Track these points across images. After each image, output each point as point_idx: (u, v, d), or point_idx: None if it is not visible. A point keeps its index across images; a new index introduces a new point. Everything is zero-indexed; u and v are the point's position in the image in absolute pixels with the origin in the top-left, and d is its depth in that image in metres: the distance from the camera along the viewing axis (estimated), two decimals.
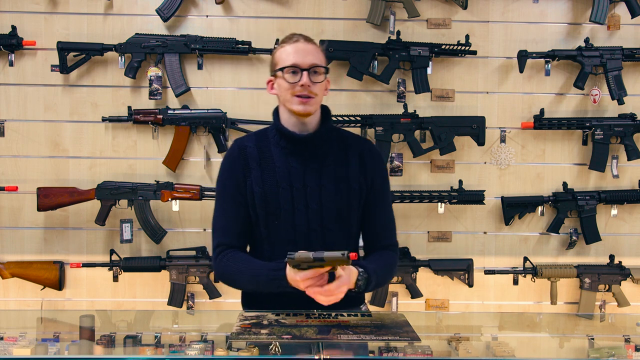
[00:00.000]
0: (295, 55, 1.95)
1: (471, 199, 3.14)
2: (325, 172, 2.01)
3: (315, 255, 1.80)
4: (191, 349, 1.79)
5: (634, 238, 3.27)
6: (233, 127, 3.11)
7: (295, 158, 2.01)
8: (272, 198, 1.99)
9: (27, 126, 3.16)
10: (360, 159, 2.05)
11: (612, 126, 3.15)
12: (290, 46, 1.97)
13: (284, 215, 2.00)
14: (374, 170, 2.07)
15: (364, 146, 2.09)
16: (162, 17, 3.08)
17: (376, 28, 3.18)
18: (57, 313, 2.94)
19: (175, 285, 3.10)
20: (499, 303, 3.27)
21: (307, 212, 2.00)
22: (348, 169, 2.04)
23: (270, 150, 2.03)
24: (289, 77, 1.95)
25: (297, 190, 2.00)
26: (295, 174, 2.00)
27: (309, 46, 1.97)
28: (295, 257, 1.82)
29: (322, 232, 2.02)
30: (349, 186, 2.03)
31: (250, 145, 2.04)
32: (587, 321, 2.62)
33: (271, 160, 2.01)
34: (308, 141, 2.00)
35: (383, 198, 2.10)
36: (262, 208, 2.00)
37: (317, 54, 1.98)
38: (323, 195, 2.00)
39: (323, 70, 1.97)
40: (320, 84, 1.97)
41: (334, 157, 2.04)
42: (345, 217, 2.04)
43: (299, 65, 1.94)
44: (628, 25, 3.21)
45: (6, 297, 3.19)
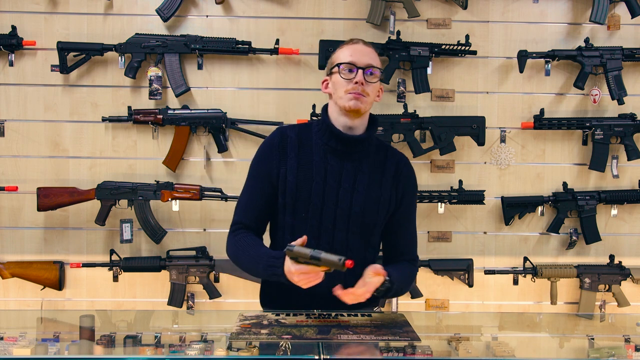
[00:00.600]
0: (353, 54, 2.01)
1: (471, 199, 3.14)
2: (360, 177, 2.05)
3: (312, 253, 1.81)
4: (191, 349, 1.79)
5: (634, 238, 3.26)
6: (233, 127, 3.11)
7: (334, 157, 2.05)
8: (304, 190, 2.03)
9: (27, 126, 3.16)
10: (396, 171, 2.10)
11: (612, 126, 3.15)
12: (349, 47, 2.04)
13: (312, 209, 2.03)
14: (406, 185, 2.11)
15: (402, 161, 2.14)
16: (162, 17, 3.08)
17: (376, 28, 3.18)
18: (57, 313, 2.94)
19: (175, 285, 3.10)
20: (499, 303, 3.27)
21: (335, 211, 2.03)
22: (382, 177, 2.08)
23: (311, 143, 2.06)
24: (345, 74, 2.01)
25: (330, 187, 2.03)
26: (331, 172, 2.04)
27: (367, 49, 2.04)
28: (294, 249, 1.83)
29: (346, 234, 2.04)
30: (380, 195, 2.06)
31: (292, 135, 2.08)
32: (587, 321, 2.62)
33: (310, 153, 2.05)
34: (352, 143, 2.04)
35: (409, 214, 2.15)
36: (292, 197, 2.04)
37: (373, 56, 2.05)
38: (354, 199, 2.04)
39: (378, 73, 2.03)
40: (373, 85, 2.02)
41: (372, 164, 2.07)
42: (370, 224, 2.07)
43: (355, 64, 2.00)
44: (628, 25, 3.21)
45: (6, 297, 3.19)
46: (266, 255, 1.97)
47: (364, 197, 2.04)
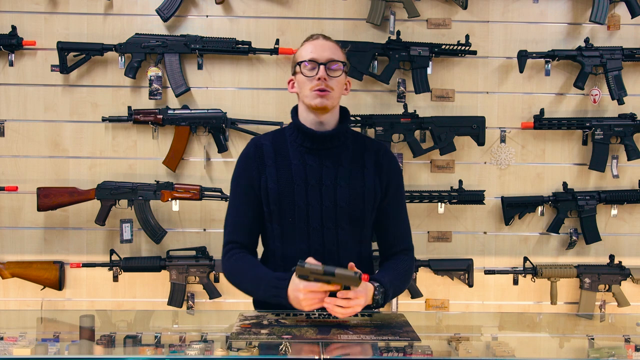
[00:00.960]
0: (313, 50, 2.01)
1: (471, 199, 3.14)
2: (340, 171, 2.04)
3: (326, 269, 1.80)
4: (191, 349, 1.79)
5: (634, 238, 3.26)
6: (233, 127, 3.11)
7: (311, 156, 2.04)
8: (286, 194, 2.01)
9: (27, 126, 3.16)
10: (376, 161, 2.08)
11: (612, 126, 3.15)
12: (309, 43, 2.03)
13: (298, 212, 2.01)
14: (389, 173, 2.09)
15: (381, 150, 2.12)
16: (162, 17, 3.08)
17: (376, 28, 3.18)
18: (57, 313, 2.94)
19: (175, 285, 3.10)
20: (499, 303, 3.27)
21: (321, 210, 2.02)
22: (363, 168, 2.06)
23: (287, 147, 2.06)
24: (306, 72, 2.00)
25: (312, 187, 2.02)
26: (311, 172, 2.02)
27: (327, 43, 2.03)
28: (306, 265, 1.81)
29: (335, 231, 2.03)
30: (363, 186, 2.05)
31: (267, 143, 2.08)
32: (587, 321, 2.62)
33: (287, 158, 2.04)
34: (325, 139, 2.03)
35: (398, 202, 2.12)
36: (277, 204, 2.02)
37: (335, 50, 2.03)
38: (338, 194, 2.02)
39: (341, 65, 2.01)
40: (337, 79, 2.00)
41: (351, 157, 2.06)
42: (359, 217, 2.05)
43: (316, 60, 1.99)
44: (628, 25, 3.21)
45: (6, 297, 3.19)
46: (269, 276, 1.95)
47: (347, 190, 2.02)
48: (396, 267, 2.06)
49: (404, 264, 2.09)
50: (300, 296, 1.83)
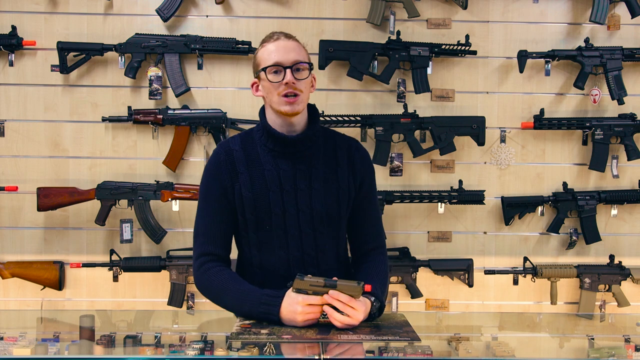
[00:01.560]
0: (276, 53, 1.92)
1: (471, 199, 3.14)
2: (314, 174, 1.99)
3: (327, 281, 1.79)
4: (191, 349, 1.79)
5: (634, 238, 3.26)
6: (233, 127, 3.11)
7: (284, 160, 1.98)
8: (262, 202, 1.96)
9: (27, 126, 3.16)
10: (349, 159, 2.04)
11: (612, 126, 3.15)
12: (271, 44, 1.94)
13: (275, 219, 1.97)
14: (362, 170, 2.05)
15: (353, 146, 2.06)
16: (162, 17, 3.08)
17: (376, 28, 3.18)
18: (57, 313, 2.94)
19: (175, 285, 3.10)
20: (499, 303, 3.27)
21: (298, 215, 1.98)
22: (337, 169, 2.02)
23: (258, 152, 1.99)
24: (272, 77, 1.92)
25: (287, 193, 1.97)
26: (285, 177, 1.97)
27: (290, 43, 1.94)
28: (305, 278, 1.80)
29: (313, 236, 2.00)
30: (338, 187, 2.01)
31: (237, 149, 2.00)
32: (587, 321, 2.62)
33: (259, 163, 1.98)
34: (297, 143, 1.97)
35: (370, 199, 2.08)
36: (252, 212, 1.97)
37: (299, 50, 1.94)
38: (313, 197, 1.98)
39: (307, 66, 1.93)
40: (305, 81, 1.93)
41: (323, 159, 2.01)
42: (335, 219, 2.02)
43: (281, 64, 1.91)
44: (628, 25, 3.21)
45: (6, 297, 3.19)
46: (256, 293, 1.88)
47: (322, 193, 1.98)
48: (377, 273, 2.02)
49: (383, 266, 2.05)
50: (298, 309, 1.79)
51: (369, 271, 2.03)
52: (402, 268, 3.12)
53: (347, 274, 2.12)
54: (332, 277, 1.86)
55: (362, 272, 2.04)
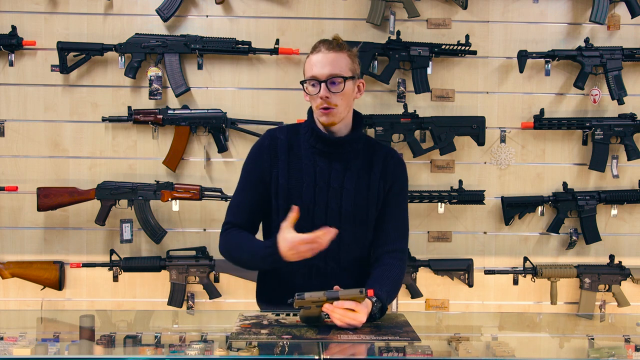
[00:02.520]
0: (314, 67, 1.99)
1: (471, 199, 3.14)
2: (348, 175, 2.06)
3: (328, 294, 1.80)
4: (191, 349, 1.79)
5: (634, 238, 3.26)
6: (233, 127, 3.11)
7: (322, 158, 2.06)
8: (295, 192, 2.05)
9: (27, 126, 3.16)
10: (383, 164, 2.10)
11: (612, 126, 3.15)
12: (313, 56, 2.02)
13: (303, 211, 2.02)
14: (394, 176, 2.11)
15: (390, 154, 2.14)
16: (162, 17, 3.08)
17: (376, 28, 3.18)
18: (57, 313, 2.94)
19: (175, 285, 3.10)
20: (499, 303, 3.27)
21: (326, 211, 2.05)
22: (370, 174, 2.08)
23: (300, 145, 2.08)
24: (309, 90, 2.02)
25: (320, 189, 2.05)
26: (320, 173, 2.05)
27: (329, 55, 1.99)
28: (306, 296, 1.81)
29: (339, 232, 2.02)
30: (369, 191, 2.07)
31: (282, 138, 2.09)
32: (587, 321, 2.62)
33: (299, 156, 2.07)
34: (337, 144, 2.06)
35: (398, 202, 2.13)
36: (285, 200, 2.05)
37: (336, 63, 1.99)
38: (344, 197, 2.05)
39: (342, 80, 1.98)
40: (341, 93, 1.99)
41: (360, 162, 2.08)
42: (362, 221, 2.08)
43: (317, 77, 1.99)
44: (628, 25, 3.21)
45: (6, 297, 3.19)
46: (261, 246, 2.00)
47: (353, 195, 2.05)
48: (388, 276, 2.04)
49: (397, 270, 2.07)
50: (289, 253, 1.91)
51: (381, 274, 2.05)
52: None
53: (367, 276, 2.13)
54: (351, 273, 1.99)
55: (375, 274, 2.06)
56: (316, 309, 1.82)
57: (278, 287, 2.10)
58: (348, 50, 2.04)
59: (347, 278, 2.05)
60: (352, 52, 2.05)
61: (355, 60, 2.06)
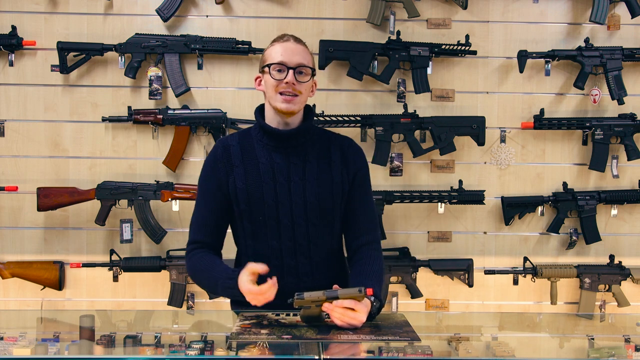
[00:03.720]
0: (283, 53, 2.00)
1: (471, 199, 3.14)
2: (308, 167, 2.05)
3: (328, 294, 1.80)
4: (191, 349, 1.79)
5: (634, 238, 3.26)
6: (233, 127, 3.11)
7: (278, 154, 2.05)
8: (255, 193, 2.03)
9: (27, 126, 3.16)
10: (342, 153, 2.09)
11: (612, 126, 3.15)
12: (279, 45, 2.02)
13: (267, 210, 2.03)
14: (355, 164, 2.10)
15: (346, 142, 2.13)
16: (162, 17, 3.08)
17: (376, 28, 3.18)
18: (57, 313, 2.94)
19: (175, 285, 3.10)
20: (499, 303, 3.27)
21: (291, 207, 2.03)
22: (330, 163, 2.07)
23: (254, 147, 2.07)
24: (275, 74, 2.00)
25: (280, 184, 2.03)
26: (279, 169, 2.04)
27: (298, 46, 2.03)
28: (305, 295, 1.81)
29: (306, 227, 2.04)
30: (331, 180, 2.06)
31: (234, 144, 2.09)
32: (587, 321, 2.62)
33: (254, 157, 2.06)
34: (291, 137, 2.05)
35: (364, 193, 2.13)
36: (246, 203, 2.04)
37: (305, 54, 2.03)
38: (307, 190, 2.04)
39: (309, 71, 2.02)
40: (305, 84, 2.02)
41: (317, 153, 2.08)
42: (329, 212, 2.07)
43: (285, 64, 1.99)
44: (628, 25, 3.21)
45: (6, 297, 3.19)
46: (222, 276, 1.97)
47: (315, 185, 2.04)
48: (373, 270, 2.05)
49: (377, 262, 2.08)
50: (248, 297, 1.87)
51: (365, 268, 2.05)
52: (402, 268, 3.12)
53: (340, 268, 2.16)
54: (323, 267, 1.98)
55: (357, 269, 2.06)
56: (316, 308, 1.82)
57: None
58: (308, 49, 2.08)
59: (319, 273, 2.06)
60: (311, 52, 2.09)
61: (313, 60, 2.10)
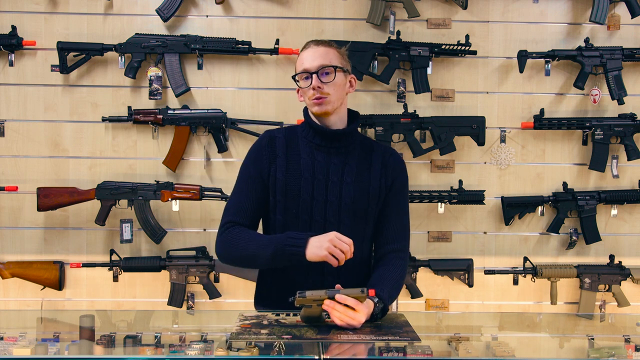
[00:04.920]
0: (305, 61, 2.05)
1: (471, 199, 3.14)
2: (347, 169, 2.09)
3: (330, 293, 1.80)
4: (191, 349, 1.79)
5: (634, 238, 3.26)
6: (233, 127, 3.11)
7: (320, 152, 2.09)
8: (293, 187, 2.06)
9: (27, 126, 3.16)
10: (383, 162, 2.13)
11: (612, 126, 3.15)
12: (303, 53, 2.08)
13: (302, 204, 2.06)
14: (395, 174, 2.13)
15: (389, 152, 2.17)
16: (162, 17, 3.08)
17: (376, 28, 3.18)
18: (57, 313, 2.94)
19: (175, 285, 3.10)
20: (499, 303, 3.27)
21: (325, 204, 2.06)
22: (370, 168, 2.11)
23: (298, 142, 2.11)
24: (302, 84, 2.06)
25: (318, 182, 2.07)
26: (319, 167, 2.08)
27: (318, 49, 2.06)
28: (307, 295, 1.80)
29: (337, 225, 2.06)
30: (369, 184, 2.09)
31: (280, 137, 2.13)
32: (587, 321, 2.62)
33: (297, 152, 2.10)
34: (335, 136, 2.09)
35: (399, 200, 2.15)
36: (282, 195, 2.07)
37: (326, 55, 2.05)
38: (343, 190, 2.07)
39: (333, 69, 2.04)
40: (333, 83, 2.04)
41: (358, 156, 2.11)
42: (362, 215, 2.09)
43: (308, 70, 2.04)
44: (628, 25, 3.21)
45: (6, 297, 3.19)
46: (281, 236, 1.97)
47: (352, 187, 2.07)
48: (390, 275, 2.06)
49: (399, 270, 2.08)
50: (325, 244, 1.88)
51: (383, 274, 2.06)
52: None
53: (366, 275, 2.14)
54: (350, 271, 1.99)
55: (377, 273, 2.07)
56: (317, 307, 1.82)
57: (276, 285, 2.11)
58: (337, 47, 2.10)
59: (345, 276, 2.05)
60: (341, 50, 2.11)
61: (345, 56, 2.12)
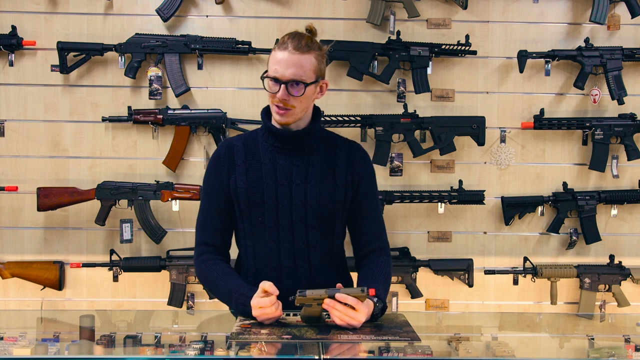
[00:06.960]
0: (277, 67, 1.92)
1: (471, 199, 3.14)
2: (311, 170, 2.03)
3: (330, 292, 1.79)
4: (191, 349, 1.79)
5: (634, 238, 3.26)
6: (233, 127, 3.11)
7: (282, 155, 2.04)
8: (256, 194, 2.02)
9: (27, 126, 3.16)
10: (347, 159, 2.07)
11: (612, 126, 3.15)
12: (278, 52, 1.93)
13: (267, 211, 2.02)
14: (361, 171, 2.08)
15: (352, 147, 2.10)
16: (162, 17, 3.08)
17: (376, 28, 3.18)
18: (57, 313, 2.94)
19: (175, 285, 3.10)
20: (499, 303, 3.27)
21: (290, 209, 2.02)
22: (335, 167, 2.05)
23: (258, 148, 2.06)
24: (269, 86, 1.96)
25: (281, 186, 2.02)
26: (282, 171, 2.02)
27: (294, 57, 1.91)
28: (307, 293, 1.80)
29: (305, 230, 2.03)
30: (334, 185, 2.04)
31: (238, 144, 2.08)
32: (587, 321, 2.62)
33: (258, 158, 2.04)
34: (296, 138, 2.02)
35: (370, 200, 2.11)
36: (246, 204, 2.03)
37: (301, 65, 1.91)
38: (308, 192, 2.02)
39: (303, 86, 1.93)
40: (300, 97, 1.93)
41: (321, 156, 2.05)
42: (329, 216, 2.05)
43: (278, 78, 1.92)
44: (628, 25, 3.21)
45: (6, 297, 3.19)
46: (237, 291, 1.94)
47: (317, 189, 2.02)
48: (380, 273, 2.05)
49: (386, 267, 2.08)
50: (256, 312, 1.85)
51: (372, 271, 2.05)
52: (402, 268, 3.12)
53: (341, 274, 2.15)
54: (323, 272, 1.97)
55: (365, 272, 2.06)
56: (317, 307, 1.81)
57: None
58: (317, 49, 1.96)
59: (318, 277, 2.06)
60: (321, 52, 1.97)
61: (323, 60, 1.98)
